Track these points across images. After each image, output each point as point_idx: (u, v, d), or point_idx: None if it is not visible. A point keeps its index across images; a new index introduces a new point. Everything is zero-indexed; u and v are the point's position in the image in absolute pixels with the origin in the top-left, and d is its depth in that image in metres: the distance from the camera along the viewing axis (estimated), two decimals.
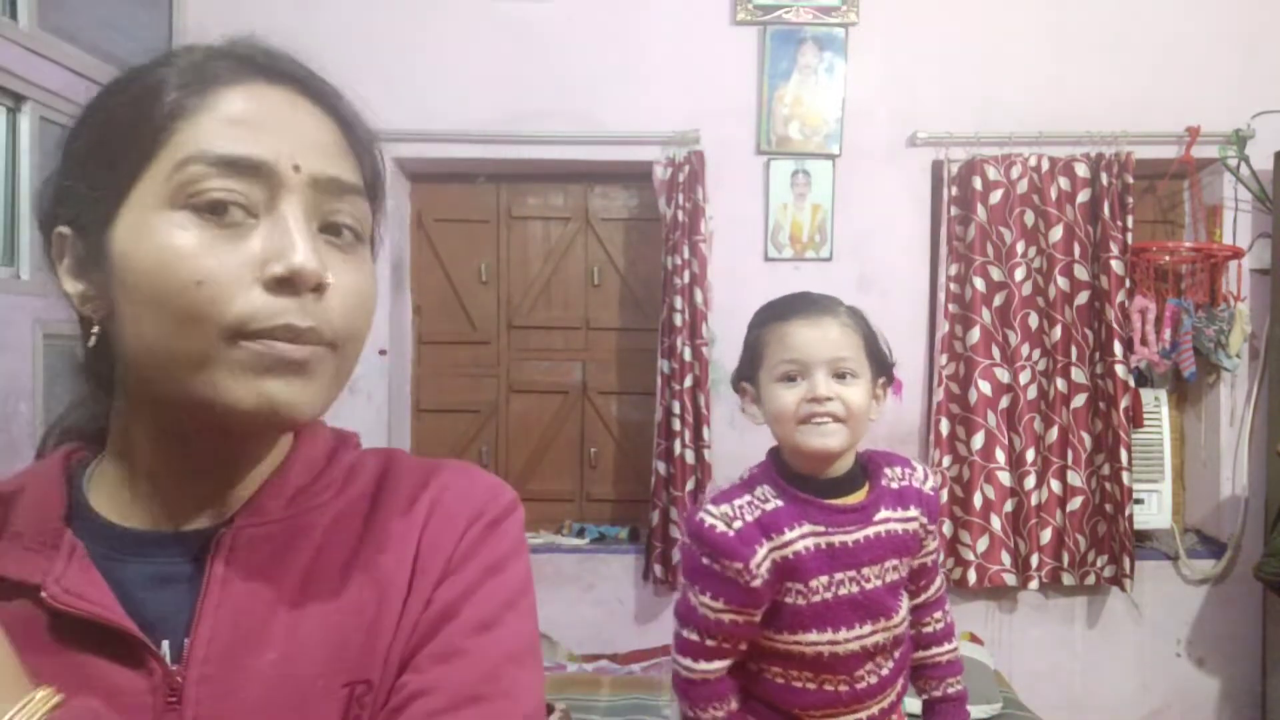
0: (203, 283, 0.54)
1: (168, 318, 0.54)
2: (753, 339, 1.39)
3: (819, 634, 1.28)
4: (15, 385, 2.20)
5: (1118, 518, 2.78)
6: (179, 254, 0.54)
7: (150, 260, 0.55)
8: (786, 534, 1.27)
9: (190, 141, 0.57)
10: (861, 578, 1.29)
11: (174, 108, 0.58)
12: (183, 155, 0.56)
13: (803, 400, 1.28)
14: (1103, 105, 2.86)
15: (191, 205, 0.56)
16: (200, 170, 0.56)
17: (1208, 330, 2.82)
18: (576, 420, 3.19)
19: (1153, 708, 2.94)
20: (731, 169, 2.92)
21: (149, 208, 0.56)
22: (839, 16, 2.91)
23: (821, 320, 1.30)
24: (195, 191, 0.55)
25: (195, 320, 0.54)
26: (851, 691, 1.31)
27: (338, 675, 0.59)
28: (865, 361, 1.31)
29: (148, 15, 2.81)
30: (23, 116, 2.24)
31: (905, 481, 1.37)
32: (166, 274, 0.54)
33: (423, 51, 2.88)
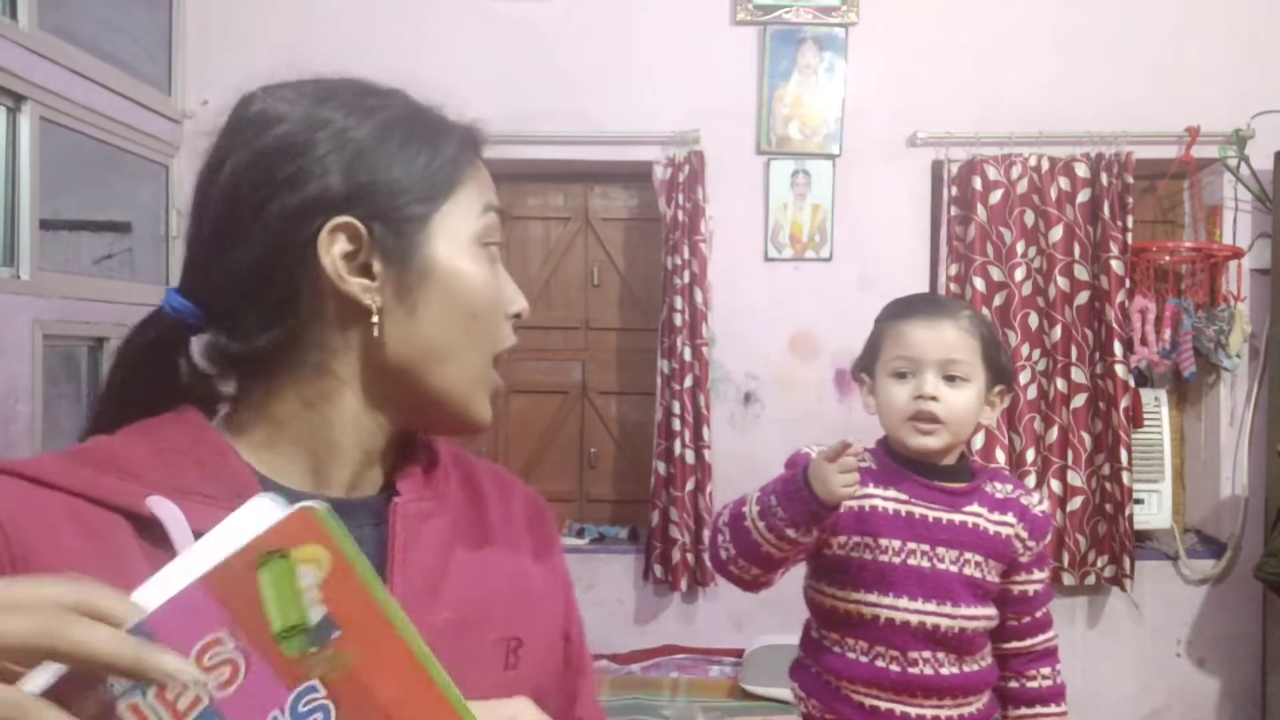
0: (492, 311, 0.68)
1: (476, 333, 0.67)
2: (875, 333, 1.42)
3: (880, 595, 1.30)
4: (15, 385, 2.20)
5: (1118, 518, 2.78)
6: (489, 284, 0.68)
7: (477, 283, 0.67)
8: (872, 488, 1.33)
9: (481, 190, 0.69)
10: (935, 555, 1.31)
11: (466, 154, 0.69)
12: (484, 201, 0.69)
13: (910, 398, 1.31)
14: (1103, 105, 2.86)
15: (485, 244, 0.68)
16: (495, 220, 0.69)
17: (1208, 330, 2.82)
18: (576, 420, 3.19)
19: (1153, 708, 2.94)
20: (731, 169, 2.92)
21: (460, 234, 0.67)
22: (839, 16, 2.91)
23: (939, 322, 1.33)
24: (491, 237, 0.69)
25: (492, 339, 0.69)
26: (902, 674, 1.30)
27: (496, 631, 0.69)
28: (980, 367, 1.33)
29: (148, 15, 2.81)
30: (23, 116, 2.24)
31: (1012, 496, 1.38)
32: (486, 299, 0.67)
33: (422, 51, 2.88)
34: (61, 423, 2.42)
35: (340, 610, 0.48)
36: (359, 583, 0.49)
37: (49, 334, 2.31)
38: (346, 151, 0.64)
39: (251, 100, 0.68)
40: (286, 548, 0.48)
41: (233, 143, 0.66)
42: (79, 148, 2.50)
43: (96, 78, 2.48)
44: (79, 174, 2.54)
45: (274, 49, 2.83)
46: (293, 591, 0.48)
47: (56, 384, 2.41)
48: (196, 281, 0.67)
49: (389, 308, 0.65)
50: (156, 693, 0.44)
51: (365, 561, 0.49)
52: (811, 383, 2.91)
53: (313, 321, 0.65)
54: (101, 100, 2.51)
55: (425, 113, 0.70)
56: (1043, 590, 1.40)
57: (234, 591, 0.47)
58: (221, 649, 0.46)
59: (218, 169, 0.66)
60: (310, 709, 0.47)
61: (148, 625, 0.45)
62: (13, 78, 2.19)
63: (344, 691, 0.48)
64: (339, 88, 0.68)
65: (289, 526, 0.48)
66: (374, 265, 0.64)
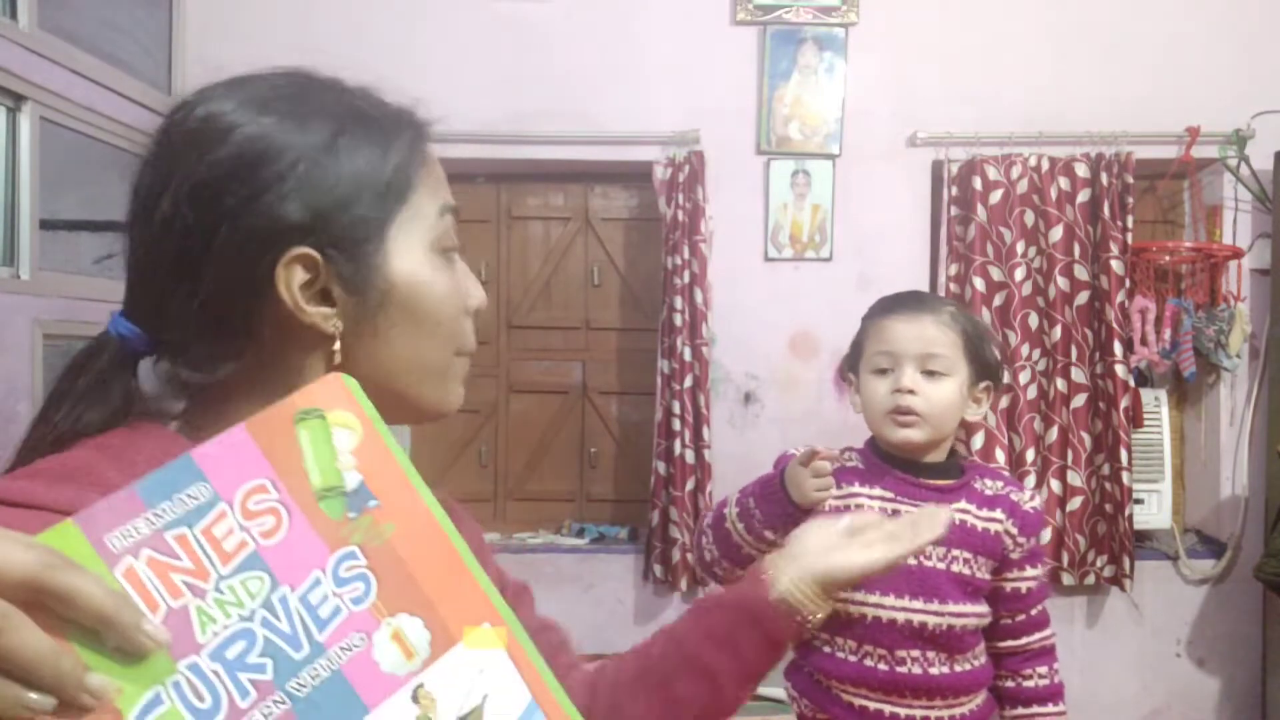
0: (455, 315, 0.69)
1: (438, 339, 0.68)
2: (859, 332, 1.43)
3: (866, 594, 1.30)
4: (15, 385, 2.20)
5: (1118, 518, 2.77)
6: (451, 290, 0.68)
7: (438, 293, 0.67)
8: (857, 486, 1.34)
9: (434, 191, 0.68)
10: (922, 553, 1.29)
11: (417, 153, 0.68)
12: (439, 204, 0.68)
13: (889, 391, 1.32)
14: (1103, 105, 2.86)
15: (442, 248, 0.68)
16: (450, 221, 0.69)
17: (1208, 330, 2.82)
18: (576, 420, 3.19)
19: (1153, 708, 2.94)
20: (731, 169, 2.92)
21: (417, 244, 0.66)
22: (839, 16, 2.91)
23: (919, 317, 1.34)
24: (448, 242, 0.68)
25: (452, 342, 0.69)
26: (890, 673, 1.30)
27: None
28: (961, 361, 1.33)
29: (148, 15, 2.81)
30: (23, 116, 2.24)
31: (1002, 493, 1.37)
32: (448, 307, 0.68)
33: (422, 51, 2.88)
34: None
35: (375, 480, 0.48)
36: (391, 455, 0.49)
37: (49, 334, 2.31)
38: (296, 173, 0.61)
39: (185, 109, 0.63)
40: (322, 410, 0.48)
41: (173, 157, 0.62)
42: (79, 148, 2.50)
43: (96, 78, 2.48)
44: (79, 174, 2.54)
45: (274, 49, 2.82)
46: (330, 452, 0.47)
47: None
48: (143, 308, 0.64)
49: (351, 331, 0.63)
50: (204, 529, 0.44)
51: (393, 439, 0.49)
52: (811, 383, 2.91)
53: (276, 349, 0.63)
54: (101, 100, 2.51)
55: (369, 108, 0.67)
56: (1037, 588, 1.40)
57: (276, 442, 0.46)
58: (266, 497, 0.45)
59: (160, 188, 0.61)
60: (351, 576, 0.46)
61: (194, 458, 0.44)
62: (13, 78, 2.19)
63: (383, 564, 0.47)
64: (275, 93, 0.64)
65: (324, 389, 0.48)
66: (334, 292, 0.62)
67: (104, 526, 0.41)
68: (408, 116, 0.69)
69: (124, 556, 0.41)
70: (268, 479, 0.46)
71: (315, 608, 0.45)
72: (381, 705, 0.45)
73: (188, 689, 0.41)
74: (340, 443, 0.48)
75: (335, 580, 0.46)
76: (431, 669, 0.47)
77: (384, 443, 0.49)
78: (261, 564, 0.44)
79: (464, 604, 0.49)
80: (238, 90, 0.64)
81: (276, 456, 0.46)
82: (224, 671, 0.42)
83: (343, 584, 0.46)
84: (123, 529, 0.42)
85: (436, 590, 0.48)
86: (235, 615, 0.43)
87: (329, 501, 0.47)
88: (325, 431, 0.47)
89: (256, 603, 0.44)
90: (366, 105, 0.67)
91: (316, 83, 0.67)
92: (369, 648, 0.46)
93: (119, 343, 0.64)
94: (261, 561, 0.44)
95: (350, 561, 0.46)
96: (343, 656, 0.45)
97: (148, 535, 0.42)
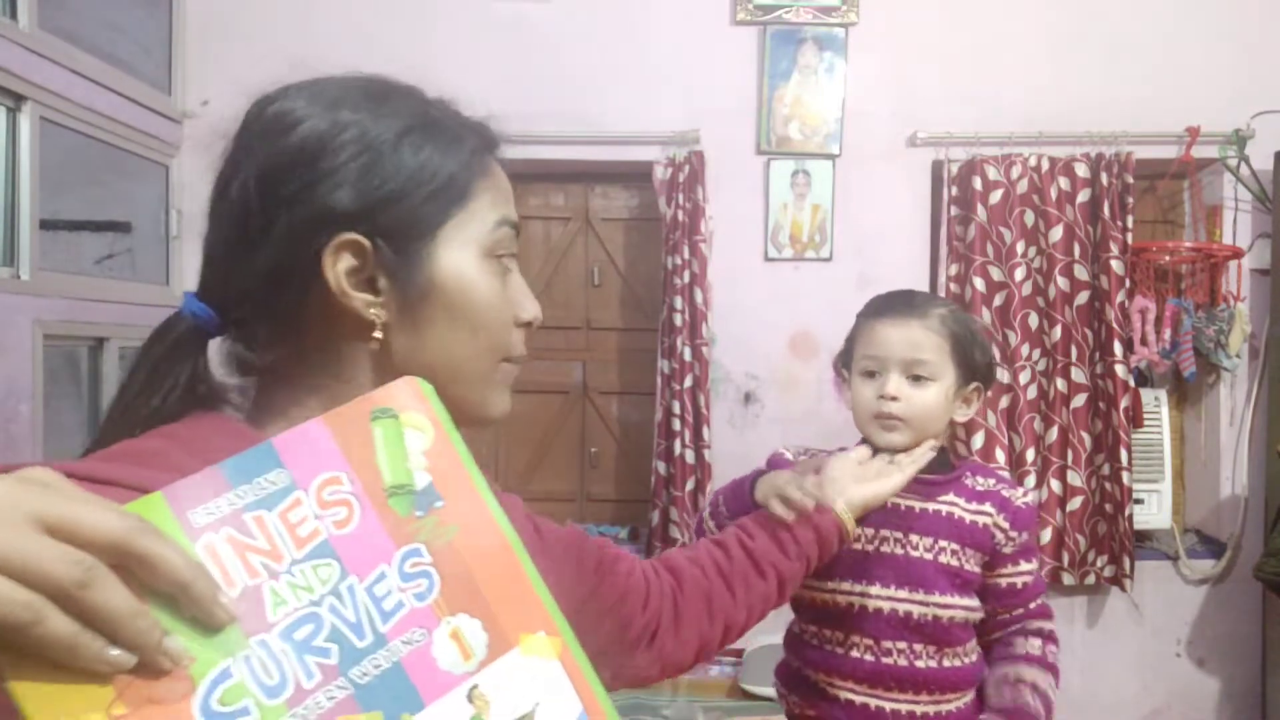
0: (501, 323, 0.70)
1: (481, 343, 0.69)
2: (853, 329, 1.44)
3: (853, 583, 1.31)
4: (15, 385, 2.20)
5: (1118, 518, 2.78)
6: (497, 297, 0.69)
7: (481, 296, 0.68)
8: None
9: (496, 202, 0.71)
10: (908, 543, 1.32)
11: (481, 162, 0.70)
12: (497, 216, 0.70)
13: (875, 396, 1.33)
14: (1103, 105, 2.86)
15: (497, 257, 0.70)
16: (508, 233, 0.71)
17: (1208, 330, 2.82)
18: (577, 420, 3.19)
19: (1153, 708, 2.94)
20: (731, 169, 2.92)
21: (468, 247, 0.68)
22: (839, 16, 2.91)
23: (907, 321, 1.34)
24: (503, 250, 0.70)
25: (497, 349, 0.70)
26: (876, 664, 1.30)
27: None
28: (948, 365, 1.33)
29: (148, 15, 2.81)
30: (23, 116, 2.24)
31: (994, 489, 1.38)
32: (492, 312, 0.69)
33: (423, 51, 2.87)
34: (62, 423, 2.42)
35: (442, 482, 0.49)
36: (459, 460, 0.51)
37: (49, 334, 2.31)
38: (355, 164, 0.64)
39: (265, 102, 0.68)
40: (396, 410, 0.49)
41: (246, 148, 0.66)
42: (79, 148, 2.50)
43: (96, 78, 2.48)
44: (79, 174, 2.54)
45: (274, 49, 2.83)
46: (401, 451, 0.49)
47: (56, 384, 2.41)
48: (213, 286, 0.68)
49: (393, 322, 0.66)
50: (281, 513, 0.45)
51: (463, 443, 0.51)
52: (811, 383, 2.91)
53: (324, 334, 0.66)
54: (101, 100, 2.51)
55: (438, 117, 0.70)
56: (1033, 583, 1.39)
57: (351, 437, 0.48)
58: (340, 489, 0.47)
59: (232, 175, 0.66)
60: (416, 572, 0.48)
61: (275, 445, 0.46)
62: (13, 78, 2.19)
63: (446, 563, 0.48)
64: (352, 90, 0.68)
65: (398, 391, 0.50)
66: (379, 280, 0.65)
67: (189, 502, 0.43)
68: (477, 128, 0.73)
69: (205, 532, 0.43)
70: (342, 472, 0.47)
71: (380, 600, 0.46)
72: (437, 701, 0.46)
73: (257, 665, 0.42)
74: (412, 443, 0.49)
75: (400, 575, 0.47)
76: (487, 671, 0.48)
77: (454, 447, 0.51)
78: (332, 552, 0.46)
79: (522, 611, 0.50)
80: (313, 88, 0.68)
81: (351, 451, 0.48)
82: (292, 652, 0.43)
83: (407, 579, 0.47)
84: (206, 506, 0.43)
85: (496, 595, 0.49)
86: (305, 599, 0.44)
87: (398, 499, 0.48)
88: (398, 431, 0.49)
89: (325, 589, 0.45)
90: (437, 112, 0.71)
91: (393, 87, 0.70)
92: (429, 643, 0.47)
93: (191, 321, 0.67)
94: (332, 550, 0.46)
95: (415, 558, 0.48)
96: (403, 649, 0.46)
97: (228, 514, 0.43)
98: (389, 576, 0.47)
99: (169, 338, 0.67)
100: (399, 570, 0.47)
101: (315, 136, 0.64)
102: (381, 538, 0.47)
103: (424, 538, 0.48)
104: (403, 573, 0.47)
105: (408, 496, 0.49)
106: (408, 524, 0.48)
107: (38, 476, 0.40)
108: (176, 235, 2.91)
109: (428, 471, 0.49)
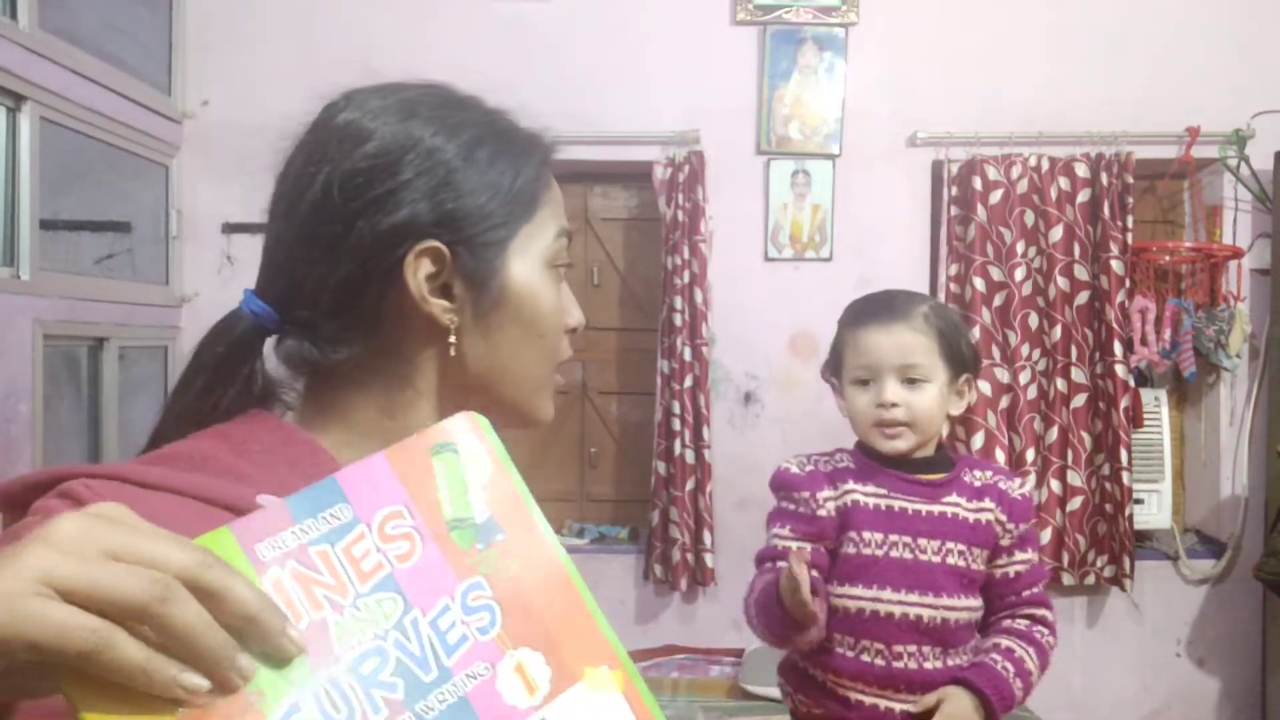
0: (559, 330, 0.73)
1: (543, 350, 0.72)
2: (836, 338, 1.44)
3: (864, 589, 1.31)
4: (15, 385, 2.20)
5: (1118, 518, 2.78)
6: (557, 305, 0.72)
7: (546, 305, 0.71)
8: (851, 483, 1.36)
9: (556, 213, 0.73)
10: (916, 546, 1.32)
11: (544, 174, 0.72)
12: (558, 226, 0.72)
13: (872, 404, 1.34)
14: (1103, 105, 2.86)
15: (556, 267, 0.72)
16: (564, 244, 0.73)
17: (1208, 330, 2.82)
18: (576, 420, 3.19)
19: (1153, 708, 2.94)
20: (731, 169, 2.92)
21: (534, 258, 0.70)
22: (839, 16, 2.91)
23: (893, 326, 1.34)
24: (561, 260, 0.72)
25: (555, 355, 0.73)
26: (886, 668, 1.31)
27: None
28: (939, 364, 1.34)
29: (148, 15, 2.81)
30: (23, 116, 2.24)
31: (990, 482, 1.38)
32: (553, 319, 0.72)
33: (422, 51, 2.87)
34: (61, 423, 2.42)
35: (502, 515, 0.50)
36: (517, 493, 0.51)
37: (49, 334, 2.31)
38: (434, 175, 0.66)
39: (336, 109, 0.69)
40: (456, 444, 0.50)
41: (322, 154, 0.67)
42: (79, 148, 2.50)
43: (96, 78, 2.48)
44: (79, 174, 2.54)
45: (274, 49, 2.83)
46: (462, 484, 0.49)
47: (56, 384, 2.41)
48: (276, 286, 0.68)
49: (466, 327, 0.68)
50: (345, 548, 0.45)
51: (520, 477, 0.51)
52: (811, 383, 2.90)
53: (393, 337, 0.68)
54: (101, 100, 2.51)
55: (505, 128, 0.72)
56: (1026, 571, 1.38)
57: (412, 471, 0.48)
58: (402, 522, 0.47)
59: (309, 180, 0.66)
60: (478, 605, 0.48)
61: (338, 480, 0.46)
62: (13, 78, 2.19)
63: (508, 596, 0.48)
64: (422, 100, 0.70)
65: (458, 425, 0.51)
66: (454, 287, 0.67)
67: (255, 536, 0.43)
68: (538, 140, 0.74)
69: (271, 566, 0.43)
70: (404, 505, 0.47)
71: (444, 633, 0.46)
72: None
73: (325, 699, 0.42)
74: (471, 477, 0.50)
75: (463, 608, 0.47)
76: (551, 705, 0.47)
77: (511, 480, 0.51)
78: (396, 586, 0.46)
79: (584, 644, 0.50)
80: (386, 95, 0.69)
81: (412, 484, 0.48)
82: (358, 685, 0.43)
83: (470, 613, 0.47)
84: (272, 540, 0.43)
85: (558, 628, 0.49)
86: (370, 633, 0.44)
87: (459, 532, 0.48)
88: (458, 464, 0.50)
89: (390, 623, 0.45)
90: (504, 124, 0.73)
91: (458, 97, 0.73)
92: (493, 678, 0.46)
93: (251, 319, 0.68)
94: (396, 584, 0.46)
95: (477, 591, 0.48)
96: (468, 684, 0.46)
97: (294, 549, 0.44)
98: (452, 610, 0.47)
99: (230, 336, 0.67)
100: (462, 603, 0.47)
101: (397, 142, 0.66)
102: (444, 571, 0.47)
103: (485, 570, 0.48)
104: (465, 606, 0.47)
105: (469, 530, 0.49)
106: (469, 556, 0.48)
107: (108, 512, 0.40)
108: (176, 235, 2.91)
109: (487, 505, 0.50)
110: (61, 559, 0.37)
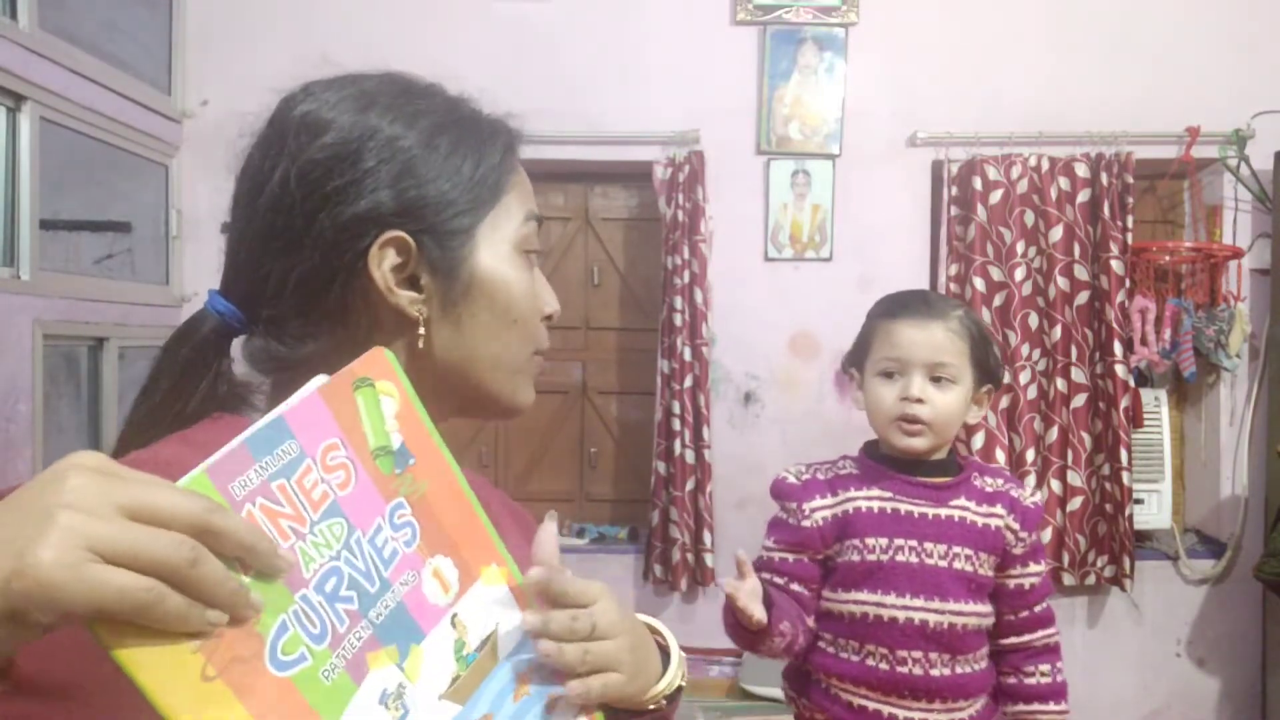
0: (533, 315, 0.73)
1: (517, 336, 0.71)
2: (865, 329, 1.42)
3: (869, 593, 1.31)
4: (15, 385, 2.20)
5: (1118, 518, 2.78)
6: (530, 291, 0.72)
7: (518, 291, 0.71)
8: (852, 491, 1.35)
9: (523, 198, 0.73)
10: (923, 550, 1.31)
11: (509, 160, 0.72)
12: (525, 210, 0.72)
13: (897, 398, 1.32)
14: (1103, 105, 2.86)
15: (525, 252, 0.72)
16: (534, 228, 0.73)
17: (1208, 330, 2.82)
18: (576, 420, 3.19)
19: (1153, 708, 2.94)
20: (731, 169, 2.92)
21: (503, 244, 0.70)
22: (839, 16, 2.91)
23: (929, 323, 1.33)
24: (531, 245, 0.73)
25: (530, 341, 0.73)
26: (890, 673, 1.30)
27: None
28: (967, 368, 1.34)
29: (148, 15, 2.81)
30: (23, 116, 2.24)
31: (1002, 489, 1.38)
32: (526, 305, 0.71)
33: (422, 51, 2.87)
34: (61, 423, 2.42)
35: (412, 442, 0.56)
36: (422, 421, 0.58)
37: (49, 334, 2.31)
38: (395, 164, 0.65)
39: (293, 102, 0.68)
40: (372, 378, 0.55)
41: (279, 148, 0.66)
42: (79, 148, 2.50)
43: (96, 78, 2.48)
44: (79, 174, 2.54)
45: (274, 49, 2.83)
46: (379, 416, 0.55)
47: (56, 384, 2.41)
48: (240, 285, 0.68)
49: (435, 318, 0.68)
50: (297, 480, 0.49)
51: (422, 404, 0.58)
52: (811, 383, 2.91)
53: (361, 331, 0.67)
54: (101, 100, 2.51)
55: (466, 115, 0.72)
56: (1039, 584, 1.39)
57: (341, 406, 0.53)
58: (338, 454, 0.52)
59: (267, 175, 0.66)
60: (402, 523, 0.55)
61: (285, 419, 0.50)
62: (13, 78, 2.19)
63: (422, 513, 0.56)
64: (380, 89, 0.69)
65: (371, 361, 0.56)
66: (421, 278, 0.67)
67: (227, 477, 0.47)
68: (502, 125, 0.74)
69: (245, 503, 0.47)
70: (338, 438, 0.53)
71: (380, 549, 0.53)
72: (432, 631, 0.55)
73: (303, 616, 0.48)
74: (386, 408, 0.56)
75: (391, 526, 0.54)
76: (462, 601, 0.57)
77: (416, 409, 0.57)
78: (340, 512, 0.51)
79: (479, 548, 0.60)
80: (344, 86, 0.69)
81: (343, 419, 0.53)
82: (325, 602, 0.49)
83: (397, 529, 0.54)
84: (240, 479, 0.47)
85: (460, 536, 0.58)
86: (326, 555, 0.50)
87: (381, 459, 0.55)
88: (375, 398, 0.55)
89: (339, 545, 0.51)
90: (465, 111, 0.73)
91: (417, 86, 0.72)
92: (419, 583, 0.55)
93: (216, 319, 0.67)
94: (340, 510, 0.51)
95: (400, 511, 0.55)
96: (403, 590, 0.54)
97: (259, 485, 0.48)
98: (384, 529, 0.54)
99: (194, 338, 0.67)
100: (390, 522, 0.54)
101: (356, 133, 0.65)
102: (374, 495, 0.54)
103: (405, 492, 0.55)
104: (393, 524, 0.54)
105: (389, 456, 0.55)
106: (391, 481, 0.55)
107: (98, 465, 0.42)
108: (176, 235, 2.91)
109: (400, 433, 0.56)
110: (92, 522, 0.39)
